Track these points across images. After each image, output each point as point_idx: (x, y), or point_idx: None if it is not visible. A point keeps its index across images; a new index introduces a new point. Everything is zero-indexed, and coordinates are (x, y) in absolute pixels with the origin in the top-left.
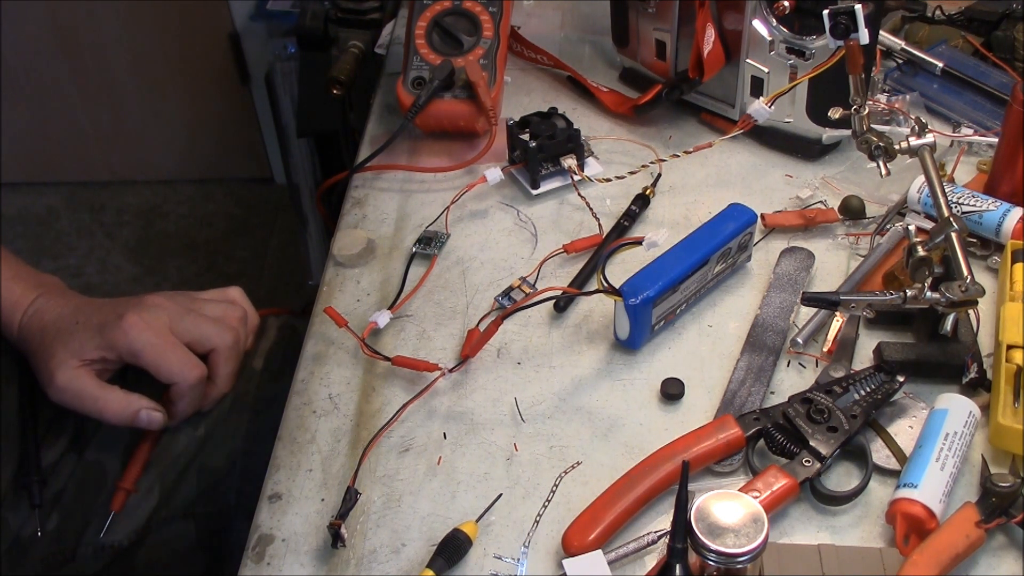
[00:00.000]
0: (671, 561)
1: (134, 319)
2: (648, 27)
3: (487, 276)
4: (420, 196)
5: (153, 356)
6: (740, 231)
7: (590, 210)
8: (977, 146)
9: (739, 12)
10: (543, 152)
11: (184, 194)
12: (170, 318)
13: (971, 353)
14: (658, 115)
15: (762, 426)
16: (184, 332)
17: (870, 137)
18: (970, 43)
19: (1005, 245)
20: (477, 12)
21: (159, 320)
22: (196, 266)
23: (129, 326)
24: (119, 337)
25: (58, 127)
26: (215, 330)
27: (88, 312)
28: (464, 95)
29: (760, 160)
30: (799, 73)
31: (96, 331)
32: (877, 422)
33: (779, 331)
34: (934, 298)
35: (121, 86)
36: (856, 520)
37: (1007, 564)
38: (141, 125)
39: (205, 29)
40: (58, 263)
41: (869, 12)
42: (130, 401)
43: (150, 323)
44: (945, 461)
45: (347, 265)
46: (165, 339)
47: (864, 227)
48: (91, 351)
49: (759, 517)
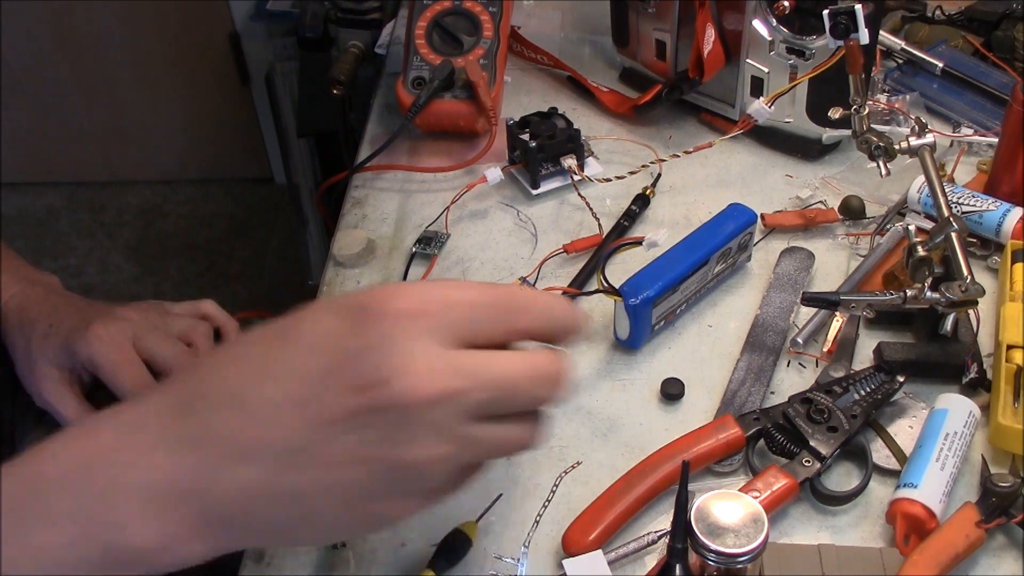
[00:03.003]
0: (671, 561)
1: (99, 330)
2: (648, 27)
3: (487, 276)
4: (420, 196)
5: (109, 370)
6: (740, 231)
7: (590, 210)
8: (977, 146)
9: (739, 12)
10: (543, 152)
11: (184, 194)
12: (135, 332)
13: (971, 353)
14: (658, 115)
15: (762, 426)
16: (144, 349)
17: (870, 137)
18: (970, 43)
19: (1005, 245)
20: (477, 12)
21: (123, 333)
22: (196, 266)
23: (93, 337)
24: (82, 346)
25: (58, 127)
26: (172, 351)
27: (62, 316)
28: (464, 95)
29: (760, 160)
30: (799, 73)
31: (65, 337)
32: (877, 422)
33: (779, 331)
34: (934, 298)
35: (121, 86)
36: (856, 520)
37: (1007, 564)
38: (141, 125)
39: (205, 29)
40: (58, 263)
41: (869, 12)
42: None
43: (114, 336)
44: (945, 461)
45: (347, 265)
46: (124, 354)
47: (864, 227)
48: (61, 358)
49: (759, 517)
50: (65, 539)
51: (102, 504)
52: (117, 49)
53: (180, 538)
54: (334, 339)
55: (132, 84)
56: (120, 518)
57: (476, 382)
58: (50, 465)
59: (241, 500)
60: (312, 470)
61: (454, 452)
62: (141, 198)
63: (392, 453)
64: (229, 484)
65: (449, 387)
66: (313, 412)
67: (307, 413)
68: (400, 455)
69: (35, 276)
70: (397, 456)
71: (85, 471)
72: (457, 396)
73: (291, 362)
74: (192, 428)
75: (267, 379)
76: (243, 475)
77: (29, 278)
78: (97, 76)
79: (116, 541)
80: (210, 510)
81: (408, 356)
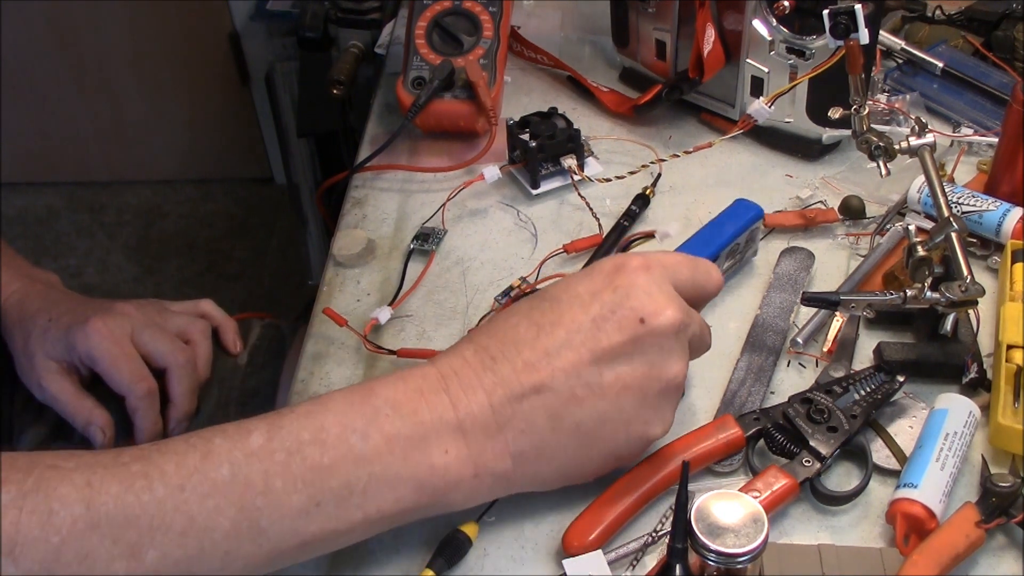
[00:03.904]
0: (671, 561)
1: (98, 324)
2: (648, 27)
3: (487, 276)
4: (420, 196)
5: (107, 364)
6: (748, 226)
7: (590, 210)
8: (977, 146)
9: (739, 12)
10: (543, 152)
11: (184, 194)
12: (133, 328)
13: (971, 353)
14: (658, 115)
15: (762, 426)
16: (142, 344)
17: (870, 137)
18: (970, 43)
19: (1005, 245)
20: (477, 12)
21: (122, 328)
22: (196, 266)
23: (92, 331)
24: (80, 341)
25: (58, 127)
26: (170, 347)
27: (61, 311)
28: (464, 95)
29: (760, 160)
30: (799, 73)
31: (64, 331)
32: (877, 422)
33: (779, 331)
34: (934, 298)
35: (121, 86)
36: (856, 520)
37: (1007, 564)
38: (141, 125)
39: (205, 29)
40: (58, 263)
41: (869, 12)
42: (92, 415)
43: (112, 330)
44: (945, 461)
45: (347, 265)
46: (122, 349)
47: (864, 227)
48: (60, 352)
49: (759, 517)
50: (405, 502)
51: (423, 444)
52: (117, 49)
53: (491, 466)
54: (595, 295)
55: (132, 84)
56: (439, 454)
57: (690, 316)
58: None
59: (536, 432)
60: (592, 401)
61: (687, 364)
62: (141, 198)
63: (658, 372)
64: (528, 415)
65: (681, 317)
66: (589, 350)
67: (584, 352)
68: (664, 372)
69: (35, 274)
70: (661, 373)
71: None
72: (685, 323)
73: (567, 316)
74: (496, 372)
75: (553, 330)
76: (539, 404)
77: (29, 275)
78: (97, 76)
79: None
80: (512, 443)
81: (652, 298)
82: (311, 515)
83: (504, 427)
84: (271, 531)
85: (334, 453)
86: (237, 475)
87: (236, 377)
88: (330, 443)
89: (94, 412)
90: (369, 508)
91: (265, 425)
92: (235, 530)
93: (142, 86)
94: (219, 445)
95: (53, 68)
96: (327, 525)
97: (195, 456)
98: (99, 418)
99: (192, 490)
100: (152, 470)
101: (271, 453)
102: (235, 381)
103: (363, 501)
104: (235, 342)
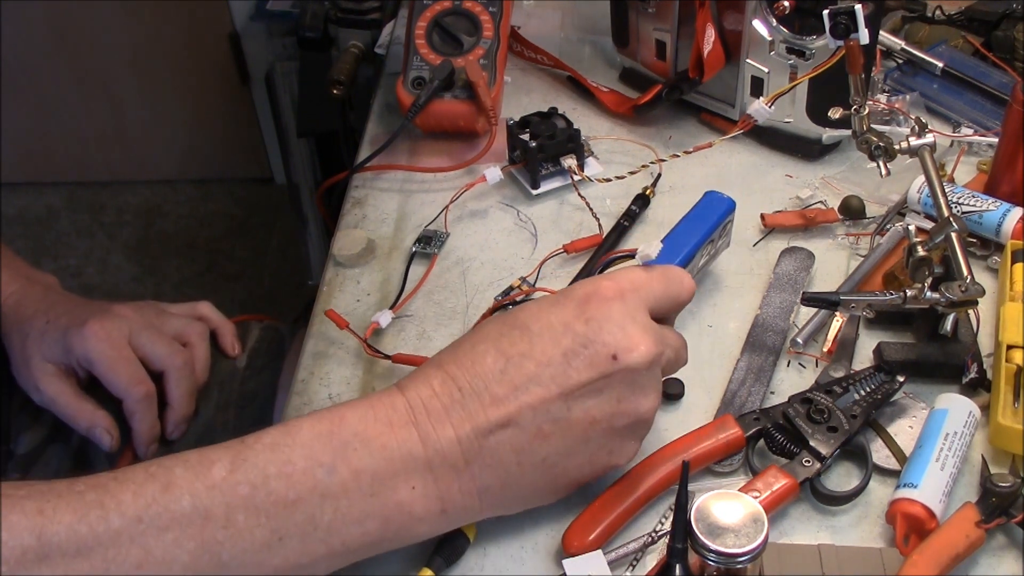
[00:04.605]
0: (671, 561)
1: (95, 327)
2: (648, 27)
3: (487, 276)
4: (420, 196)
5: (104, 367)
6: (722, 220)
7: (590, 210)
8: (977, 146)
9: (739, 12)
10: (543, 152)
11: (184, 194)
12: (131, 330)
13: (971, 353)
14: (658, 115)
15: (762, 426)
16: (140, 347)
17: (870, 137)
18: (970, 43)
19: (1005, 245)
20: (477, 12)
21: (119, 331)
22: (196, 266)
23: (89, 333)
24: (77, 343)
25: (58, 127)
26: (168, 350)
27: (59, 313)
28: (464, 95)
29: (760, 160)
30: (799, 73)
31: (61, 333)
32: (877, 422)
33: (779, 331)
34: (934, 298)
35: (121, 86)
36: (856, 520)
37: (1007, 564)
38: (141, 125)
39: (205, 29)
40: (58, 263)
41: (869, 12)
42: (95, 418)
43: (109, 332)
44: (945, 461)
45: (347, 265)
46: (120, 351)
47: (864, 227)
48: (58, 354)
49: (759, 517)
50: (370, 536)
51: (392, 480)
52: (117, 49)
53: (457, 502)
54: (567, 326)
55: (132, 84)
56: (406, 490)
57: (664, 344)
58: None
59: (502, 467)
60: (559, 436)
61: (659, 396)
62: (141, 198)
63: (626, 407)
64: (494, 450)
65: (655, 351)
66: (558, 386)
67: (553, 388)
68: (634, 407)
69: (34, 275)
70: (630, 408)
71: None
72: (658, 354)
73: (536, 348)
74: (465, 407)
75: (522, 362)
76: (505, 439)
77: (28, 277)
78: (97, 76)
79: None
80: (479, 477)
81: (625, 332)
82: (273, 549)
83: (471, 462)
84: (232, 564)
85: (300, 488)
86: (198, 507)
87: (235, 380)
88: (296, 477)
89: (97, 415)
90: (334, 542)
91: (229, 456)
92: (194, 563)
93: (142, 86)
94: (180, 476)
95: (53, 68)
96: (290, 558)
97: (154, 486)
98: (103, 420)
99: (150, 522)
100: (108, 500)
101: (234, 486)
102: (234, 384)
103: (327, 535)
104: (233, 345)
